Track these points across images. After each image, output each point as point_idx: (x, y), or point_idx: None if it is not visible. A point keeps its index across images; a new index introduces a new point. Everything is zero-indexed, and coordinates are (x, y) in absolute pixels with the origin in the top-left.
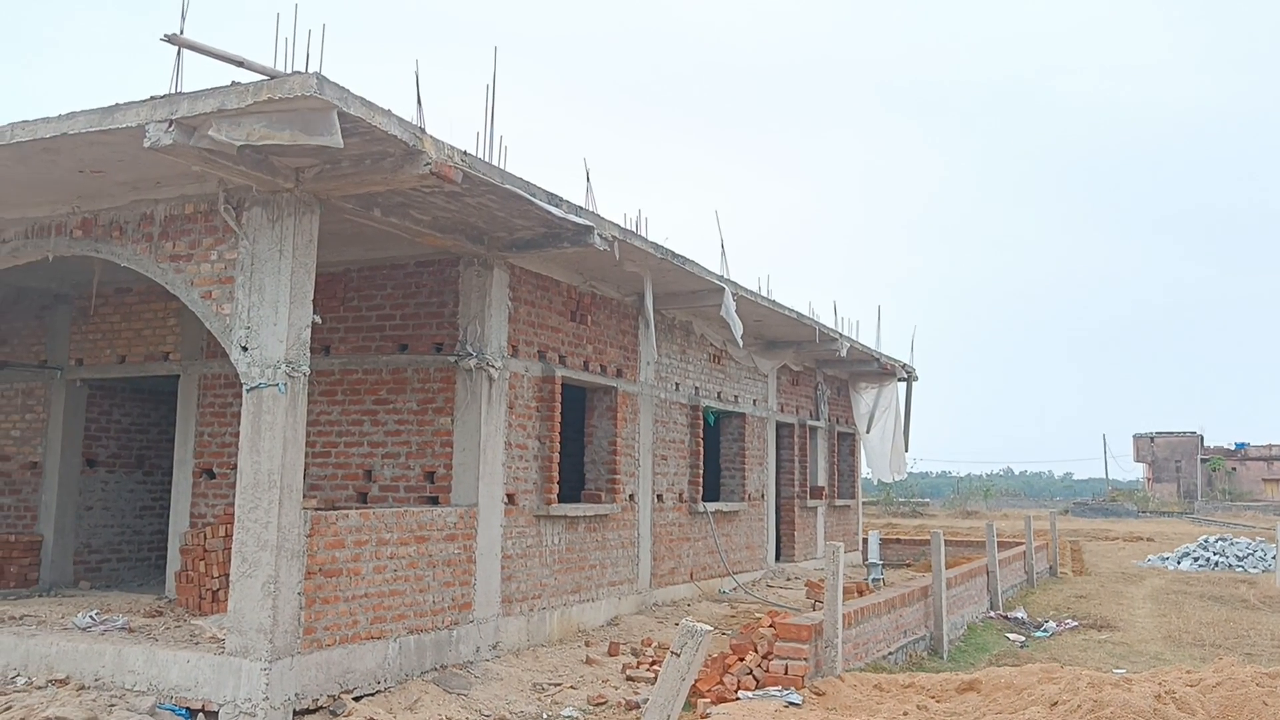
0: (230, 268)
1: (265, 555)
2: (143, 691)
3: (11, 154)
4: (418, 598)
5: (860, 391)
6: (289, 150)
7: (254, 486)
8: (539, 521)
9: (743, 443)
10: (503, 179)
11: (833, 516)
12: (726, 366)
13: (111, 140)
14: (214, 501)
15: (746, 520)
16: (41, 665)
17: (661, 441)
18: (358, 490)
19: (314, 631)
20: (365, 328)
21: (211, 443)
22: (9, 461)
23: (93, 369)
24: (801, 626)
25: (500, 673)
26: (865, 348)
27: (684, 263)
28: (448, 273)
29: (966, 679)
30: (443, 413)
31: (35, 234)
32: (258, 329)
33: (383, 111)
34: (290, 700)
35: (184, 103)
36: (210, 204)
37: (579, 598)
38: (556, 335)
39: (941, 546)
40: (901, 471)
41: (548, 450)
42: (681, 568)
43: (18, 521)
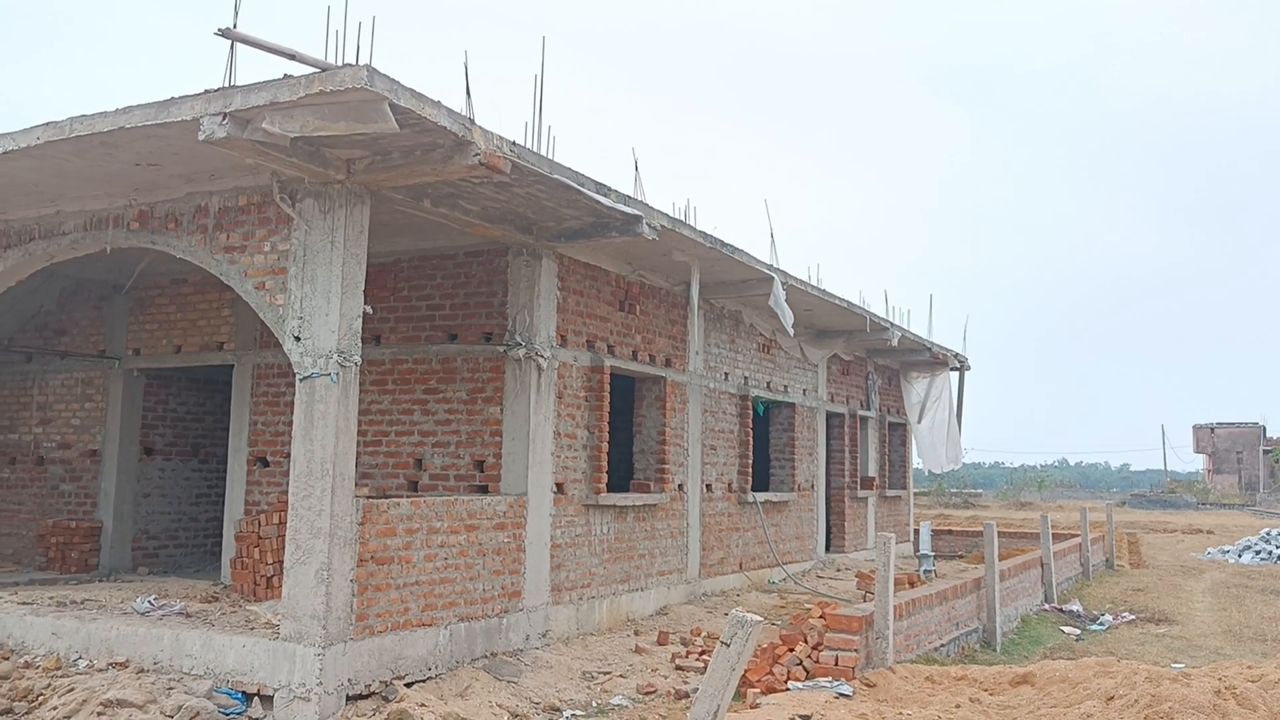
0: (283, 259)
1: (318, 543)
2: (200, 675)
3: (71, 148)
4: (468, 585)
5: (911, 381)
6: (340, 142)
7: (307, 475)
8: (588, 511)
9: (792, 433)
10: (551, 169)
11: (884, 507)
12: (776, 356)
13: (167, 134)
14: (268, 489)
15: (796, 511)
16: (102, 648)
17: (710, 431)
18: (408, 479)
19: (366, 618)
20: (415, 317)
21: (265, 431)
22: (70, 449)
23: (150, 359)
24: (852, 618)
25: (550, 661)
26: (917, 337)
27: (733, 251)
28: (497, 262)
29: (1020, 672)
30: (492, 402)
31: (94, 226)
32: (310, 319)
33: (432, 103)
34: (344, 685)
35: (237, 96)
36: (264, 196)
37: (628, 587)
38: (605, 325)
39: (995, 538)
40: (956, 461)
41: (596, 440)
42: (730, 558)
43: (78, 508)
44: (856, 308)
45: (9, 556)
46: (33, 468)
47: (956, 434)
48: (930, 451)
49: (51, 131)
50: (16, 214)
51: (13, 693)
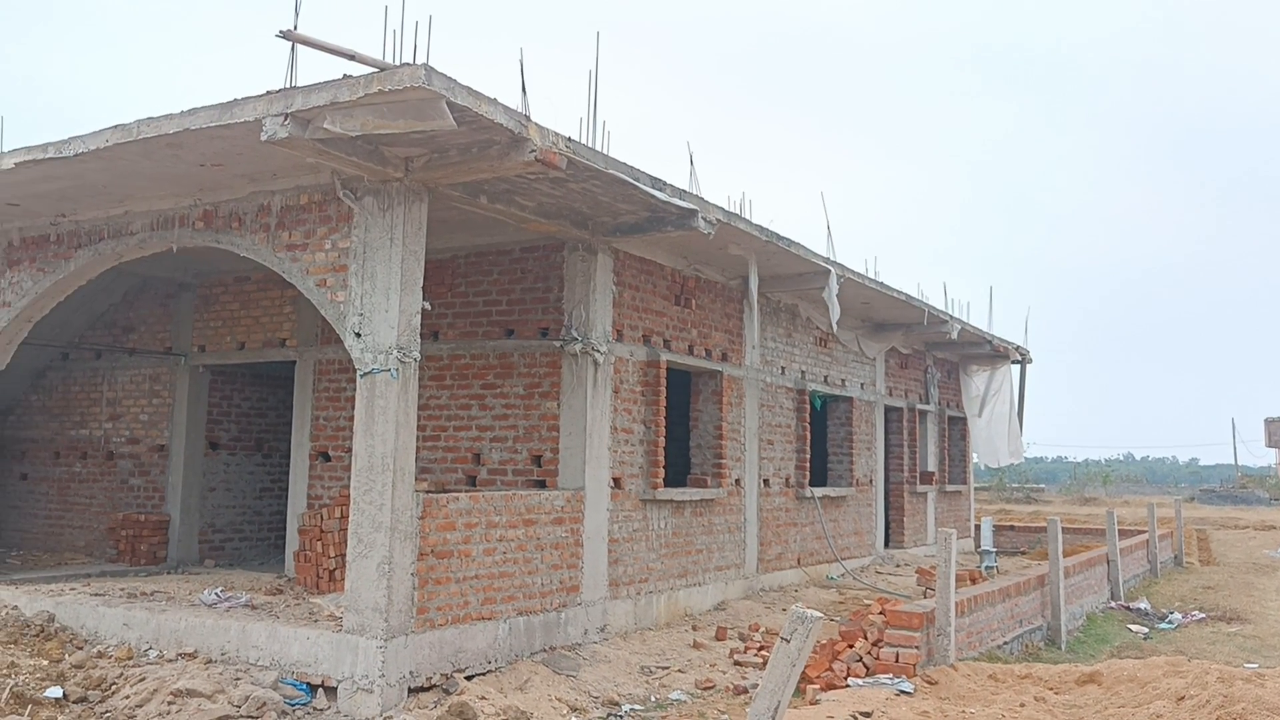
0: (344, 256)
1: (380, 536)
2: (266, 666)
3: (139, 149)
4: (526, 580)
5: (971, 375)
6: (399, 140)
7: (368, 469)
8: (645, 506)
9: (850, 427)
10: (606, 164)
11: (943, 502)
12: (833, 350)
13: (230, 134)
14: (330, 484)
15: (854, 506)
16: (171, 639)
17: (767, 426)
18: (466, 473)
19: (427, 611)
20: (472, 313)
21: (326, 426)
22: (138, 444)
23: (214, 355)
24: (913, 614)
25: (608, 655)
26: (976, 330)
27: (789, 245)
28: (552, 258)
29: (1087, 671)
30: (549, 397)
31: (160, 226)
32: (370, 315)
33: (489, 100)
34: (405, 678)
35: (298, 96)
36: (324, 194)
37: (685, 582)
38: (661, 319)
39: (1059, 534)
40: (1018, 456)
41: (653, 434)
42: (788, 553)
43: (146, 502)
44: (915, 300)
45: (81, 549)
46: (103, 462)
47: (1017, 428)
48: (987, 446)
49: (120, 134)
50: (86, 214)
51: (87, 681)
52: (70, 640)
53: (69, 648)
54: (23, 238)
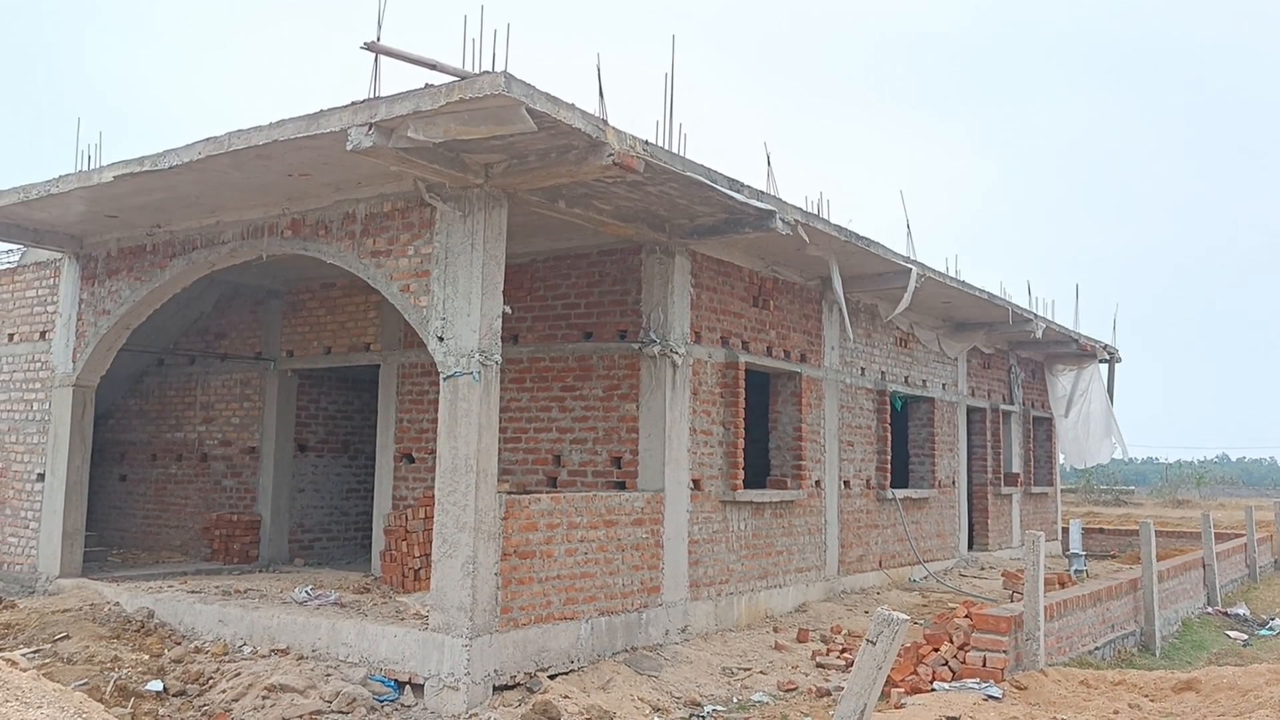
0: (426, 261)
1: (464, 537)
2: (355, 663)
3: (230, 161)
4: (608, 580)
5: (1057, 374)
6: (479, 147)
7: (452, 471)
8: (725, 507)
9: (932, 428)
10: (684, 166)
11: (1028, 504)
12: (914, 350)
13: (317, 145)
14: (414, 485)
15: (937, 507)
16: (264, 636)
17: (847, 427)
18: (547, 475)
19: (510, 611)
20: (551, 316)
21: (410, 429)
22: (230, 446)
23: (301, 360)
24: (1000, 618)
25: (689, 656)
26: (1062, 328)
27: (868, 245)
28: (630, 261)
29: (1184, 678)
30: (628, 399)
31: (250, 235)
32: (452, 319)
33: (567, 106)
34: (490, 676)
35: (382, 106)
36: (407, 201)
37: (766, 583)
38: (739, 321)
39: (1152, 536)
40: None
41: (732, 436)
42: (870, 555)
43: (239, 502)
44: (998, 299)
45: (177, 548)
46: (197, 464)
47: (1114, 426)
48: (1076, 447)
49: (211, 146)
50: (180, 225)
51: (185, 675)
52: (169, 636)
53: (168, 643)
54: (120, 248)
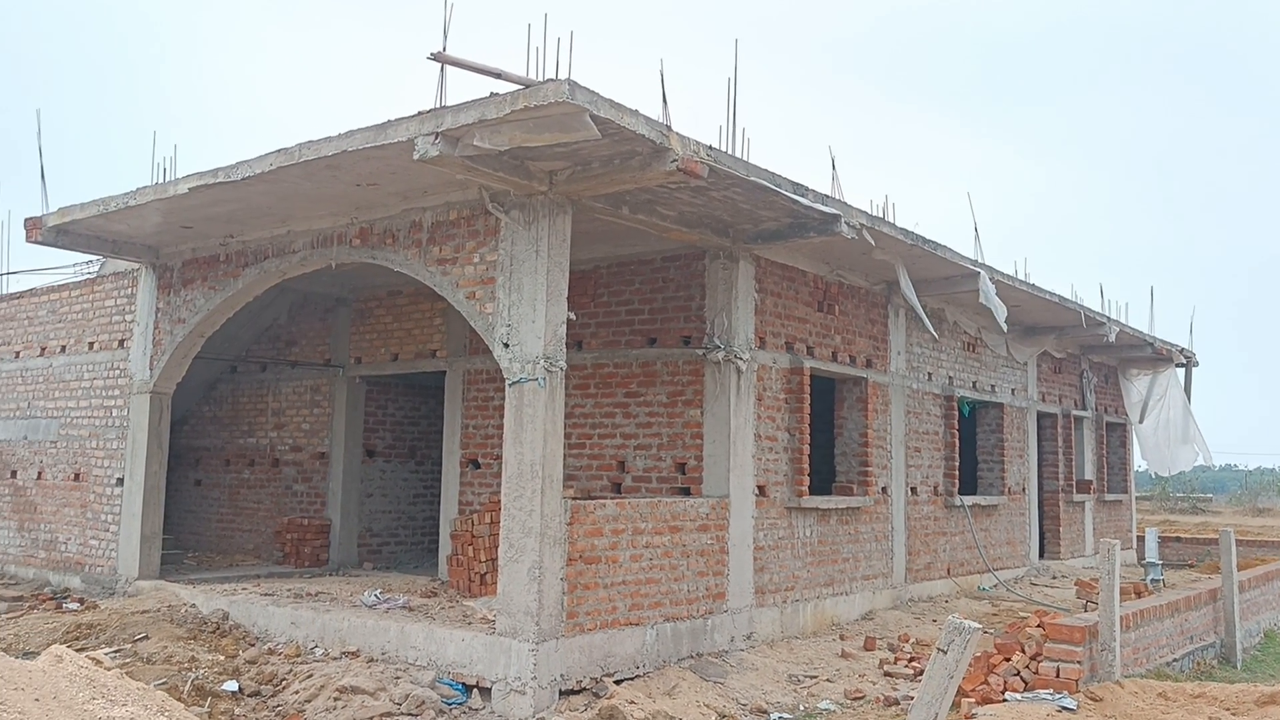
0: (491, 269)
1: (530, 542)
2: (423, 666)
3: (300, 171)
4: (673, 586)
5: (1131, 379)
6: (543, 154)
7: (518, 476)
8: (790, 513)
9: (1001, 434)
10: (747, 171)
11: (1102, 512)
12: (982, 355)
13: (384, 155)
14: (479, 490)
15: (1006, 515)
16: (335, 638)
17: (914, 433)
18: (611, 480)
19: (576, 616)
20: (615, 322)
21: (476, 434)
22: (301, 452)
23: (369, 366)
24: (1074, 628)
25: (755, 663)
26: (1136, 331)
27: (935, 248)
28: (693, 266)
29: (1268, 691)
30: (692, 405)
31: (320, 244)
32: (518, 326)
33: (630, 112)
34: (556, 680)
35: (448, 115)
36: (472, 209)
37: (832, 591)
38: (804, 326)
39: (1232, 545)
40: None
41: (798, 442)
42: (937, 563)
43: (309, 506)
44: (1069, 302)
45: (249, 551)
46: (269, 469)
47: (1196, 431)
48: (1156, 453)
49: (282, 157)
50: (252, 235)
51: (260, 676)
52: (243, 637)
53: (242, 644)
54: (195, 258)
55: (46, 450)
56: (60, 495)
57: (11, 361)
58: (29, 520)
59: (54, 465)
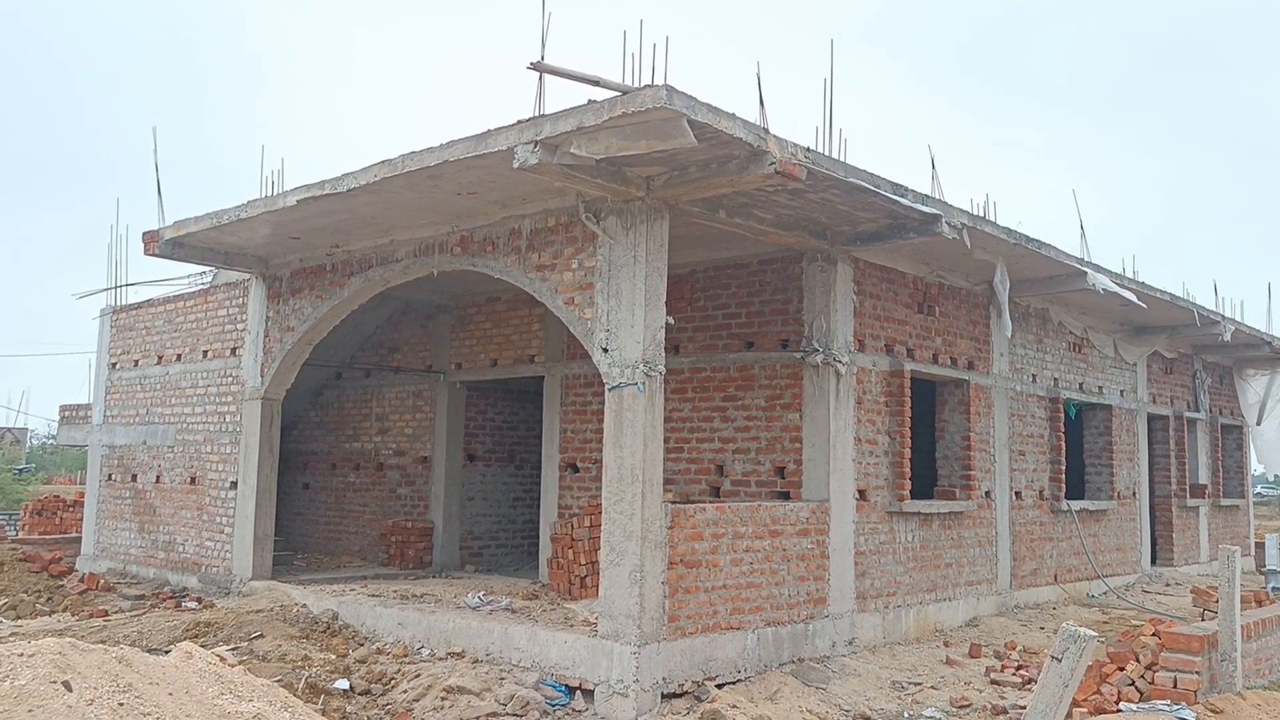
0: (590, 275)
1: (631, 545)
2: (527, 668)
3: (403, 182)
4: (773, 591)
5: (1247, 379)
6: (640, 160)
7: (618, 480)
8: (891, 518)
9: (1109, 437)
10: (846, 172)
11: (1217, 517)
12: (1088, 355)
13: (484, 164)
14: (578, 494)
15: (1115, 520)
16: (441, 639)
17: (1018, 436)
18: (710, 485)
19: (677, 619)
20: (712, 326)
21: (574, 439)
22: (404, 456)
23: (469, 372)
24: (1192, 637)
25: (857, 669)
26: (1253, 330)
27: (1039, 247)
28: (790, 269)
29: None
30: (790, 409)
31: (422, 252)
32: (616, 331)
33: (728, 116)
34: (658, 684)
35: (546, 124)
36: (570, 216)
37: (935, 596)
38: (903, 328)
39: None
40: None
41: (898, 446)
42: (1044, 569)
43: (413, 510)
44: (1180, 301)
45: (356, 553)
46: (374, 473)
47: None
48: (1273, 454)
49: (386, 168)
50: (357, 245)
51: (369, 675)
52: (352, 637)
53: (352, 644)
54: (302, 267)
55: (164, 455)
56: (178, 498)
57: (131, 370)
58: (149, 522)
59: (171, 469)
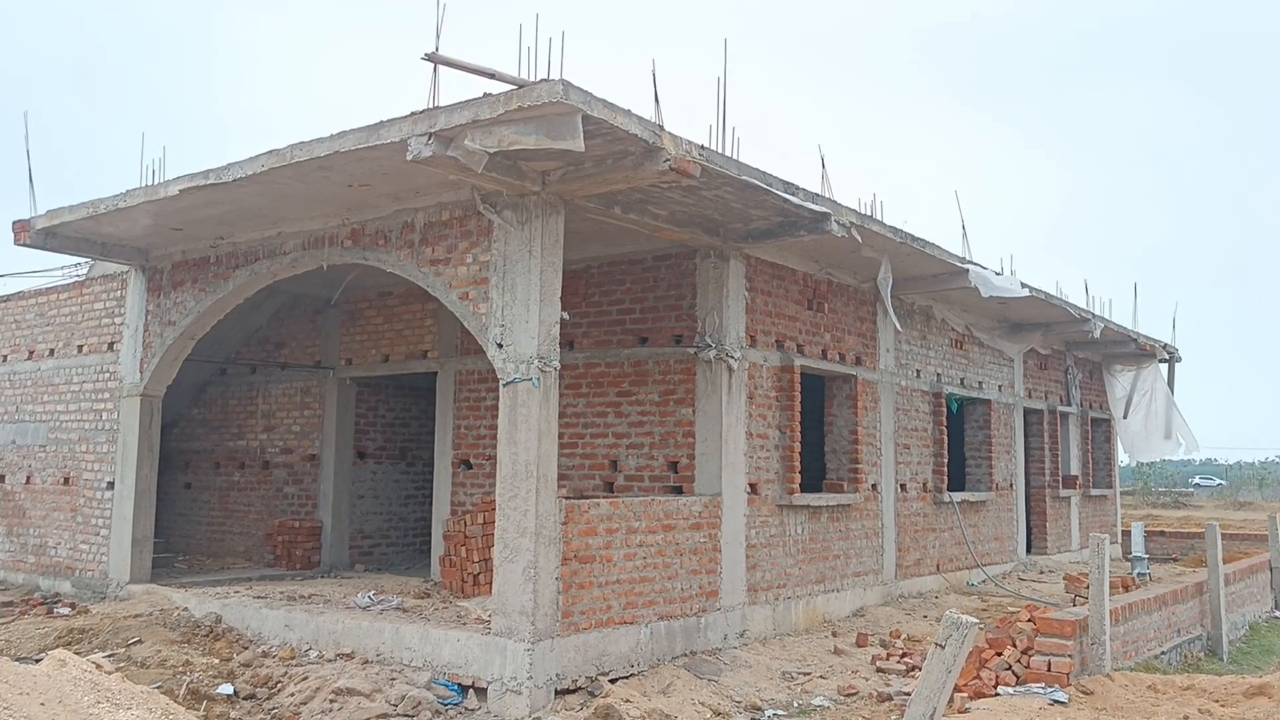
0: (484, 269)
1: (525, 542)
2: (419, 667)
3: (292, 173)
4: (666, 585)
5: (1115, 375)
6: (536, 155)
7: (513, 476)
8: (782, 511)
9: (988, 430)
10: (739, 170)
11: (1088, 507)
12: (969, 351)
13: (377, 155)
14: (471, 491)
15: (994, 510)
16: (330, 640)
17: (903, 430)
18: (604, 480)
19: (571, 615)
20: (606, 322)
21: (468, 435)
22: (291, 454)
23: (360, 368)
24: (1064, 622)
25: (748, 660)
26: (1121, 327)
27: (924, 246)
28: (684, 266)
29: (1256, 683)
30: (684, 404)
31: (311, 245)
32: (511, 326)
33: (623, 112)
34: (552, 680)
35: (441, 116)
36: (465, 210)
37: (823, 588)
38: (794, 324)
39: (1218, 539)
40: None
41: (788, 440)
42: (927, 559)
43: (300, 509)
44: (1054, 299)
45: (240, 554)
46: (259, 471)
47: (1181, 424)
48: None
49: (274, 159)
50: (243, 237)
51: (254, 679)
52: (237, 640)
53: (236, 647)
54: (185, 260)
55: (35, 454)
56: (50, 499)
57: None
58: (17, 525)
59: (43, 469)
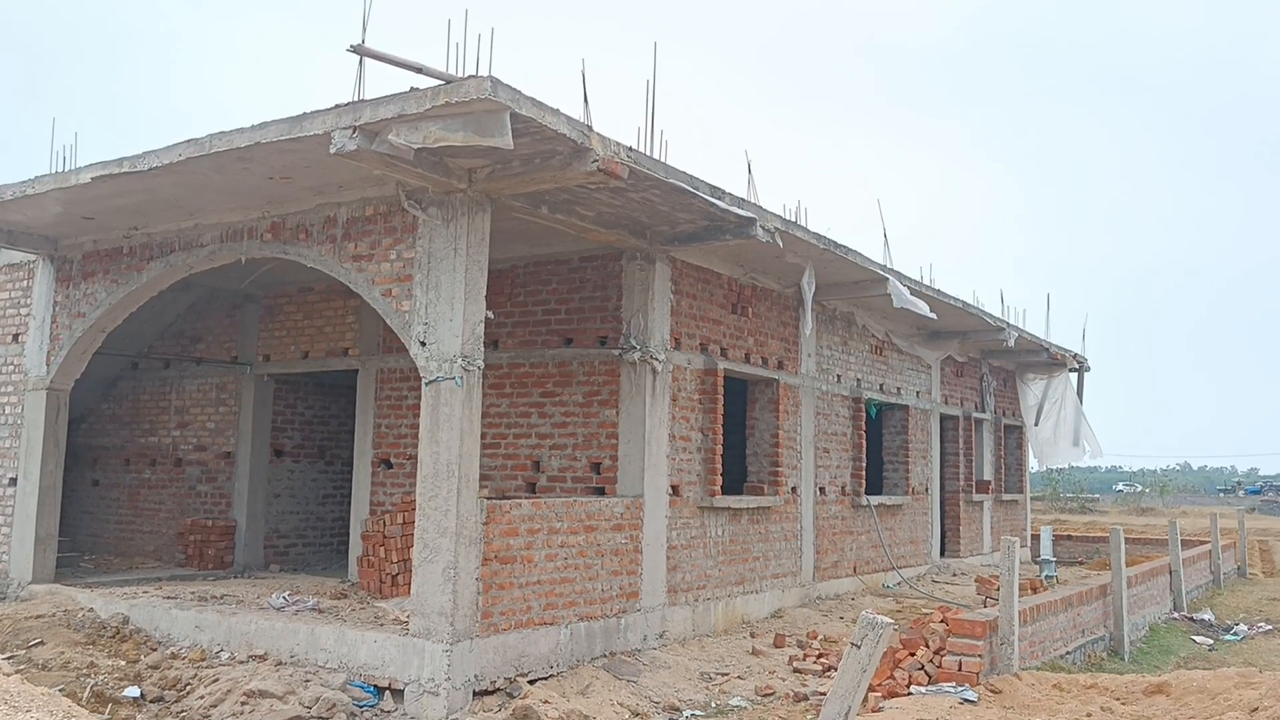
0: (408, 266)
1: (445, 542)
2: (334, 669)
3: (210, 163)
4: (587, 585)
5: (1028, 383)
6: (462, 152)
7: (434, 476)
8: (703, 513)
9: (906, 435)
10: (667, 173)
11: (999, 511)
12: (889, 358)
13: (299, 148)
14: (391, 490)
15: (910, 514)
16: (242, 641)
17: (823, 434)
18: (526, 480)
19: (491, 616)
20: (531, 322)
21: (389, 434)
22: (205, 451)
23: (278, 364)
24: (975, 622)
25: (668, 661)
26: (1034, 337)
27: (846, 253)
28: (611, 267)
29: (1155, 681)
30: (608, 405)
31: (230, 238)
32: (435, 324)
33: (552, 111)
34: (470, 681)
35: (366, 109)
36: (389, 205)
37: (743, 589)
38: (718, 328)
39: (1122, 543)
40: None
41: (710, 442)
42: (844, 561)
43: (214, 507)
44: (971, 308)
45: (150, 553)
46: (171, 469)
47: (1088, 432)
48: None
49: (192, 148)
50: (158, 227)
51: (163, 682)
52: (145, 642)
53: (144, 649)
54: (96, 250)
55: None
56: None
57: None
58: None
59: None
